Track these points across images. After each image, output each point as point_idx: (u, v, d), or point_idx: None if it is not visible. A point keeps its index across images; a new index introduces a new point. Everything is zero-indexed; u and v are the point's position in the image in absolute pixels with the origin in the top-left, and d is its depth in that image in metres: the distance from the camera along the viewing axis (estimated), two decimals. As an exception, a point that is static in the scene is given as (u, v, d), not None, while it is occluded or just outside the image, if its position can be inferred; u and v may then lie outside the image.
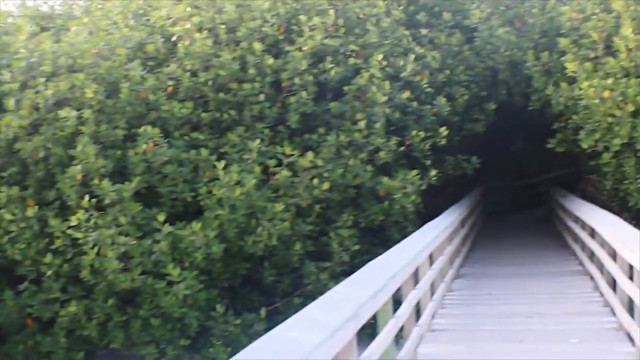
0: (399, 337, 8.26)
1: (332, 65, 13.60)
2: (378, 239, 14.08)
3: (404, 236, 12.12)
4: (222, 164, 11.79)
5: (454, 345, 9.27)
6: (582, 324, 9.99)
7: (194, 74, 13.27)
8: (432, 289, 10.59)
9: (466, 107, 16.35)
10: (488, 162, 25.53)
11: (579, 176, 21.26)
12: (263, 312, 12.03)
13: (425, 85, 14.53)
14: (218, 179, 11.72)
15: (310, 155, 12.51)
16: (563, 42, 13.98)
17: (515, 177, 30.63)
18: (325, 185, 12.42)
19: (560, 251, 17.21)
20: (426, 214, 13.47)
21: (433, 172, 13.69)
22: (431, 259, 10.52)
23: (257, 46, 13.27)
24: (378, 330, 6.57)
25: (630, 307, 8.58)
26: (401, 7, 15.86)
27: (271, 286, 12.92)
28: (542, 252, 17.42)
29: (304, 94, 13.19)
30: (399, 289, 8.00)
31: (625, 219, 12.58)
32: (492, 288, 13.07)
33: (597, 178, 16.80)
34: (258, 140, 12.40)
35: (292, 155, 12.40)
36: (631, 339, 8.53)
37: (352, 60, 13.91)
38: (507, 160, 29.81)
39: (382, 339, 6.17)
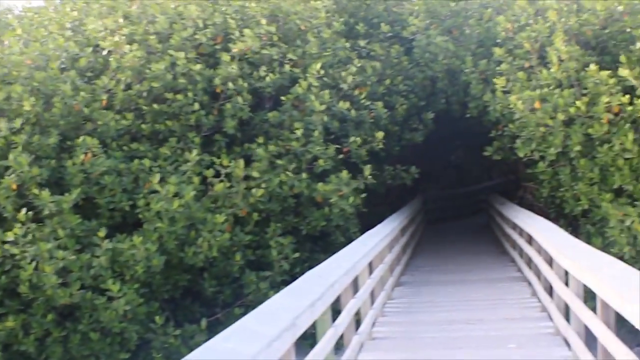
0: (340, 346, 8.32)
1: (266, 73, 13.58)
2: (320, 245, 14.12)
3: (348, 240, 12.23)
4: (157, 176, 11.70)
5: (394, 353, 9.31)
6: (521, 329, 10.12)
7: (128, 86, 13.13)
8: (372, 297, 10.64)
9: (405, 117, 16.49)
10: (429, 171, 25.86)
11: (517, 184, 21.61)
12: (204, 323, 11.93)
13: (363, 99, 14.59)
14: (157, 191, 11.61)
15: (241, 164, 12.44)
16: (498, 51, 14.18)
17: (455, 185, 31.04)
18: (260, 192, 12.40)
19: (499, 258, 17.44)
20: (369, 222, 13.52)
21: (367, 172, 13.71)
22: (371, 267, 10.57)
23: (182, 54, 13.14)
24: (317, 339, 6.57)
25: (566, 312, 8.71)
26: (342, 19, 15.91)
27: (212, 297, 12.83)
28: (482, 258, 17.64)
29: (239, 99, 13.15)
30: (338, 298, 8.05)
31: (561, 226, 12.83)
32: (432, 295, 13.18)
33: (534, 186, 17.08)
34: (195, 151, 12.32)
35: (229, 166, 12.34)
36: (567, 344, 8.67)
37: (287, 68, 13.90)
38: (448, 169, 30.25)
39: (320, 348, 6.17)
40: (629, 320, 5.23)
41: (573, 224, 13.86)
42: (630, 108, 11.92)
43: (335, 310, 7.88)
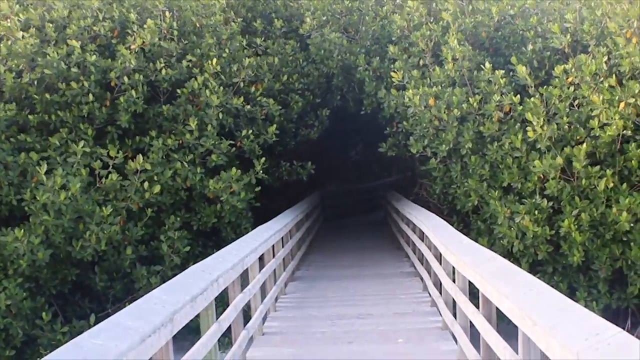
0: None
1: (162, 66, 13.38)
2: (212, 241, 13.98)
3: (240, 236, 12.12)
4: (44, 167, 11.36)
5: (283, 348, 9.27)
6: (410, 324, 10.22)
7: (19, 73, 12.71)
8: (264, 292, 10.57)
9: (301, 114, 16.48)
10: (328, 167, 25.95)
11: (413, 180, 21.87)
12: (92, 318, 11.64)
13: (259, 96, 14.51)
14: (43, 183, 11.27)
15: (139, 158, 12.25)
16: (392, 49, 14.31)
17: (355, 181, 31.23)
18: (156, 189, 12.23)
19: (394, 253, 17.62)
20: (265, 217, 13.45)
21: (259, 166, 13.65)
22: (262, 262, 10.51)
23: (77, 43, 12.81)
24: (201, 335, 6.45)
25: (454, 307, 8.82)
26: (240, 19, 15.77)
27: (102, 292, 12.56)
28: (377, 254, 17.78)
29: (134, 92, 12.90)
30: (224, 293, 7.96)
31: (453, 222, 13.08)
32: (326, 290, 13.21)
33: (428, 182, 17.32)
34: (82, 142, 12.02)
35: (117, 157, 12.10)
36: (454, 338, 8.78)
37: (185, 63, 13.74)
38: (347, 165, 30.37)
39: (202, 344, 6.06)
40: (506, 314, 5.31)
41: (465, 221, 14.10)
42: (520, 107, 12.18)
43: (226, 305, 7.83)
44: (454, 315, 8.64)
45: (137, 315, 4.75)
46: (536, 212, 11.50)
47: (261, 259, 10.25)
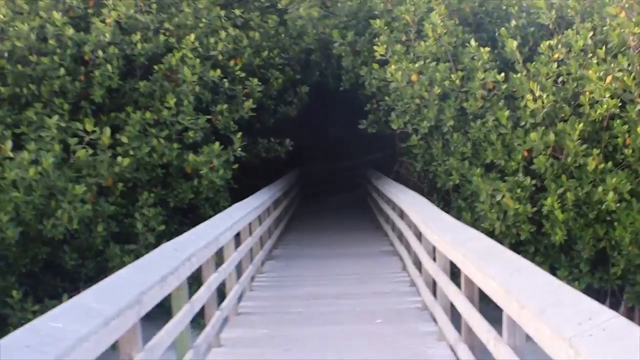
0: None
1: (139, 39, 13.02)
2: (189, 218, 13.66)
3: (218, 213, 11.87)
4: (9, 143, 10.99)
5: (258, 328, 9.02)
6: (389, 304, 10.00)
7: (-11, 45, 12.36)
8: (240, 271, 10.32)
9: (280, 90, 16.13)
10: (308, 145, 25.66)
11: (394, 158, 21.64)
12: (65, 298, 11.29)
13: (238, 71, 14.16)
14: (12, 158, 10.90)
15: (107, 131, 11.87)
16: (377, 23, 13.97)
17: (334, 159, 30.94)
18: (127, 161, 11.86)
19: (374, 232, 17.40)
20: (243, 195, 13.17)
21: (236, 144, 13.33)
22: (239, 240, 10.24)
23: (57, 16, 12.47)
24: (173, 315, 6.18)
25: (434, 287, 8.60)
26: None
27: (74, 271, 12.22)
28: (357, 233, 17.55)
29: (109, 67, 12.55)
30: (200, 272, 7.68)
31: (434, 200, 12.82)
32: (303, 269, 12.97)
33: (408, 160, 17.07)
34: (56, 116, 11.64)
35: (94, 132, 11.72)
36: (434, 319, 8.56)
37: (162, 37, 13.39)
38: (326, 143, 30.06)
39: (173, 325, 5.79)
40: (490, 296, 5.07)
41: (445, 199, 13.87)
42: (504, 86, 11.93)
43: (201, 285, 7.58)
44: (434, 296, 8.42)
45: (102, 297, 4.47)
46: (518, 190, 11.25)
47: (237, 237, 9.97)
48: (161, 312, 6.64)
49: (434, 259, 8.14)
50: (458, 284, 6.79)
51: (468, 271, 5.87)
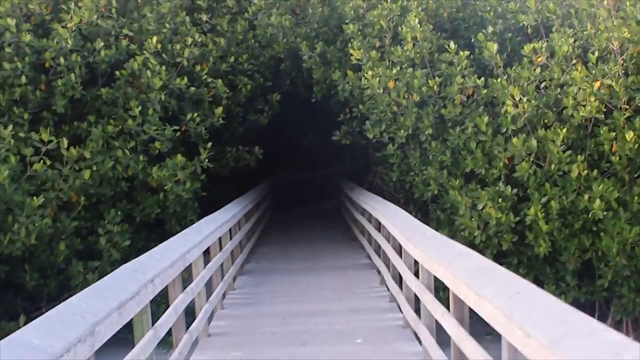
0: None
1: (102, 46, 12.45)
2: (156, 233, 13.05)
3: (186, 228, 11.35)
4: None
5: (230, 350, 8.46)
6: (368, 321, 9.48)
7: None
8: (210, 289, 9.77)
9: (250, 98, 15.57)
10: (279, 155, 25.16)
11: (368, 168, 21.19)
12: (22, 319, 10.65)
13: (204, 75, 13.61)
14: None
15: (64, 143, 11.28)
16: (350, 28, 13.50)
17: (306, 169, 30.48)
18: (86, 174, 11.25)
19: (349, 244, 16.88)
20: (213, 207, 12.63)
21: (203, 155, 12.77)
22: (208, 256, 9.69)
23: (12, 22, 11.86)
24: (135, 344, 5.61)
25: (417, 303, 8.11)
26: (184, -4, 14.88)
27: (35, 290, 11.55)
28: (331, 245, 17.03)
29: (72, 76, 11.97)
30: (165, 293, 7.12)
31: (410, 211, 12.28)
32: (277, 285, 12.41)
33: (383, 170, 16.60)
34: (11, 126, 11.01)
35: (51, 142, 11.11)
36: (417, 338, 8.07)
37: (124, 43, 12.84)
38: (299, 153, 29.60)
39: (135, 354, 5.21)
40: (487, 320, 4.57)
41: (423, 210, 13.42)
42: (484, 91, 11.48)
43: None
44: (417, 313, 7.91)
45: (47, 331, 3.89)
46: (500, 199, 10.78)
47: (207, 252, 9.42)
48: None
49: (417, 275, 7.64)
50: (441, 301, 6.32)
51: (459, 291, 5.36)
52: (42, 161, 11.04)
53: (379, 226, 11.78)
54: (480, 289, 4.75)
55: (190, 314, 8.34)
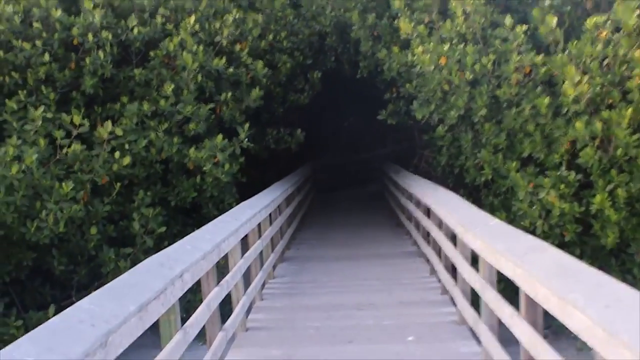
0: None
1: (135, 23, 11.81)
2: (193, 218, 12.47)
3: (223, 212, 10.76)
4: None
5: (270, 348, 7.78)
6: (420, 316, 8.75)
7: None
8: (248, 279, 9.11)
9: (289, 77, 14.87)
10: (320, 137, 24.49)
11: (413, 151, 20.44)
12: (52, 309, 10.05)
13: (244, 56, 12.90)
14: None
15: (108, 125, 10.67)
16: (396, 4, 12.68)
17: (347, 152, 29.77)
18: (126, 160, 10.63)
19: (394, 230, 16.17)
20: (252, 190, 12.00)
21: (242, 134, 12.07)
22: (247, 243, 9.03)
23: (43, -4, 11.29)
24: (162, 347, 4.95)
25: (474, 298, 7.37)
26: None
27: (65, 277, 10.98)
28: (375, 231, 16.32)
29: (100, 54, 11.33)
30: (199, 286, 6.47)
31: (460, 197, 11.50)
32: (319, 274, 11.73)
33: (430, 153, 15.83)
34: (42, 107, 10.39)
35: (82, 125, 10.48)
36: (475, 336, 7.33)
37: (159, 20, 12.17)
38: (340, 135, 28.92)
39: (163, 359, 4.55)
40: (575, 332, 3.81)
41: (473, 195, 12.61)
42: (543, 69, 10.60)
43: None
44: (474, 308, 7.18)
45: (47, 343, 3.20)
46: (562, 186, 9.92)
47: (245, 240, 8.76)
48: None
49: (476, 268, 6.89)
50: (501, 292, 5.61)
51: (534, 292, 4.61)
52: (72, 144, 10.42)
53: (428, 212, 11.07)
54: (566, 292, 3.98)
55: (226, 304, 7.72)
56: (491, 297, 6.05)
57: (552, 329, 9.99)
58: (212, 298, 6.33)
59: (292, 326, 8.60)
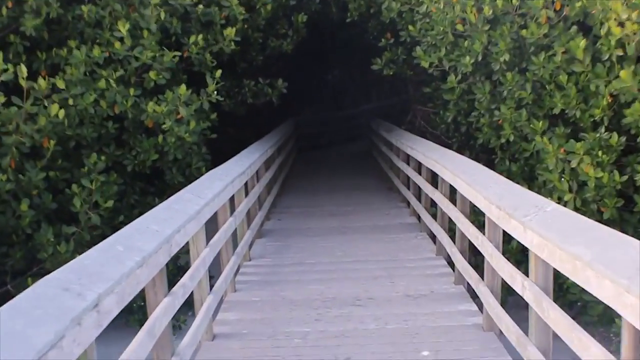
0: None
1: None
2: (155, 186, 10.58)
3: (191, 178, 8.89)
4: None
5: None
6: (434, 317, 6.92)
7: None
8: (221, 266, 7.28)
9: (270, 20, 12.82)
10: (301, 91, 22.55)
11: (404, 106, 18.61)
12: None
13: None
14: None
15: (24, 70, 8.52)
16: None
17: (331, 107, 27.96)
18: (61, 114, 8.56)
19: (387, 196, 14.35)
20: (230, 150, 10.15)
21: (211, 86, 10.10)
22: (216, 221, 7.18)
23: None
24: None
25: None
26: None
27: (-3, 262, 9.04)
28: (365, 196, 14.46)
29: (45, -12, 9.30)
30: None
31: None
32: (303, 253, 9.87)
33: (427, 109, 13.95)
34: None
35: (6, 71, 8.40)
36: (512, 349, 5.55)
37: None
38: (323, 89, 27.12)
39: None
40: None
41: (482, 159, 10.80)
42: (578, 4, 8.66)
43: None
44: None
45: None
46: (600, 152, 8.03)
47: (214, 215, 6.90)
48: None
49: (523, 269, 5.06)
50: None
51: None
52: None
53: (431, 179, 9.27)
54: None
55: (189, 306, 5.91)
56: (547, 305, 4.24)
57: None
58: (158, 317, 4.43)
59: (272, 332, 6.70)
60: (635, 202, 8.04)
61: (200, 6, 10.58)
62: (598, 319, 8.11)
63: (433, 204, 9.61)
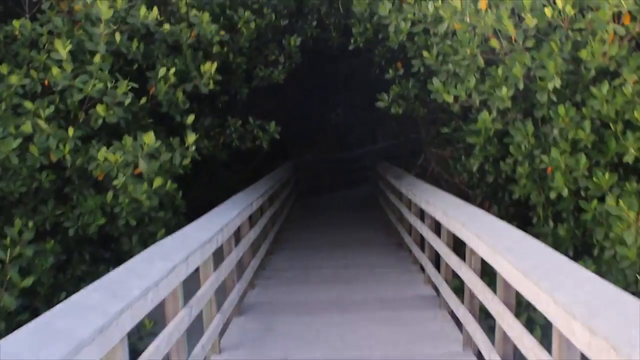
0: None
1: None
2: (111, 251, 8.48)
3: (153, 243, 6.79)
4: None
5: None
6: None
7: None
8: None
9: (257, 44, 10.74)
10: (302, 131, 20.56)
11: (410, 148, 16.59)
12: None
13: (182, 5, 8.86)
14: None
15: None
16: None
17: (333, 148, 26.02)
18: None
19: (396, 255, 12.21)
20: (217, 198, 8.11)
21: (191, 138, 8.01)
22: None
23: None
24: None
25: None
26: None
27: None
28: (372, 256, 12.24)
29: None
30: None
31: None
32: (290, 342, 7.59)
33: (446, 153, 11.87)
34: None
35: None
36: None
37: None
38: (325, 129, 25.11)
39: None
40: None
41: (515, 218, 8.71)
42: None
43: None
44: None
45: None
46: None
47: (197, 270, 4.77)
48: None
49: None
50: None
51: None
52: None
53: (451, 243, 7.19)
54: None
55: None
56: None
57: None
58: None
59: None
60: None
61: (167, 25, 8.51)
62: None
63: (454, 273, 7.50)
